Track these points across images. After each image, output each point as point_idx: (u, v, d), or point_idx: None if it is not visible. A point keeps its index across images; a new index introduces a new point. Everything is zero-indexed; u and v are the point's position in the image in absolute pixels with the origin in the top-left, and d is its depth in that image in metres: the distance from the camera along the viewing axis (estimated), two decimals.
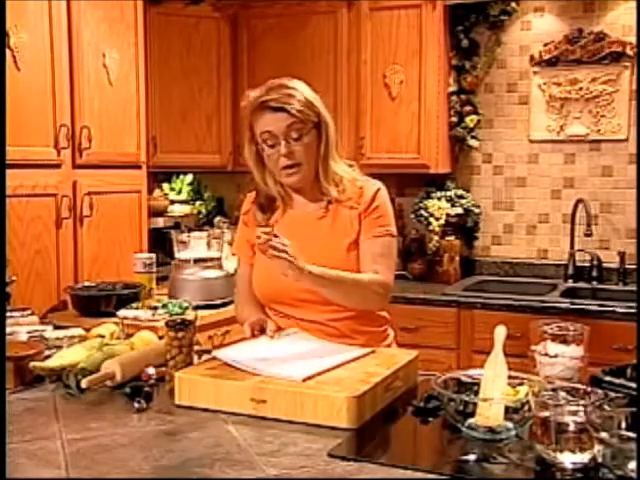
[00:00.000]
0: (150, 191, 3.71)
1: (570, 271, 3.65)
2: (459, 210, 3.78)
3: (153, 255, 3.09)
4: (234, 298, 2.29)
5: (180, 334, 1.74)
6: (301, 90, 1.94)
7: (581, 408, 1.29)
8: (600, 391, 1.43)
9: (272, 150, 1.92)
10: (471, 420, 1.44)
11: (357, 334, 1.96)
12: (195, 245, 3.11)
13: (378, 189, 2.01)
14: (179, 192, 4.11)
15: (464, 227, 3.86)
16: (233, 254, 2.22)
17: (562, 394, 1.39)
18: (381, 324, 2.08)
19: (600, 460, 1.26)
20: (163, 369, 1.77)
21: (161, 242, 3.51)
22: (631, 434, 1.23)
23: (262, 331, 1.94)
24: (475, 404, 1.45)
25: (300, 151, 1.92)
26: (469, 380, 1.57)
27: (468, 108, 3.80)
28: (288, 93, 1.91)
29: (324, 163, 1.98)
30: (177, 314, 1.82)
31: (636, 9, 3.40)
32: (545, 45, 3.69)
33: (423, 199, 3.83)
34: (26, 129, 2.75)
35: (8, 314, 2.28)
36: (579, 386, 1.45)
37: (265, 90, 1.94)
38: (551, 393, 1.38)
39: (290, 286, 1.92)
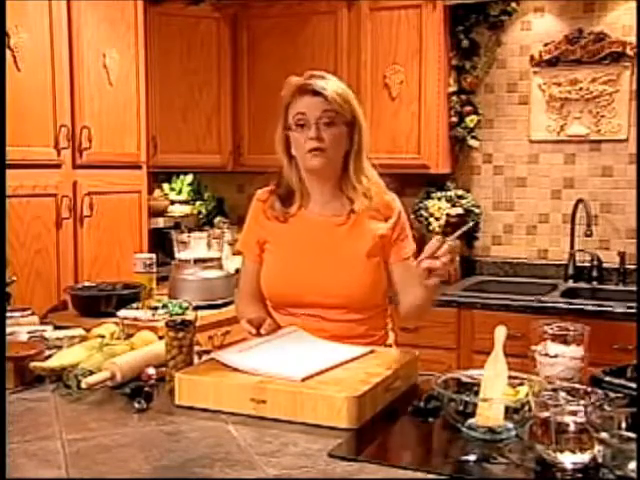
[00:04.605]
0: (150, 191, 3.71)
1: (570, 271, 3.65)
2: (459, 210, 3.78)
3: (153, 255, 3.09)
4: (235, 295, 2.28)
5: (180, 334, 1.74)
6: (339, 84, 1.99)
7: (581, 408, 1.28)
8: (600, 391, 1.43)
9: (301, 133, 1.93)
10: (471, 420, 1.44)
11: (361, 337, 1.96)
12: (195, 245, 3.11)
13: (399, 209, 2.05)
14: (179, 192, 4.11)
15: None
16: (238, 251, 2.22)
17: (562, 394, 1.39)
18: (383, 327, 2.09)
19: (600, 460, 1.26)
20: (163, 369, 1.77)
21: (161, 242, 3.51)
22: (631, 434, 1.23)
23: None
24: (475, 404, 1.45)
25: (328, 138, 1.93)
26: (469, 380, 1.57)
27: (468, 108, 3.80)
28: (328, 81, 1.97)
29: (357, 164, 1.99)
30: (177, 314, 1.82)
31: (636, 9, 3.40)
32: (545, 45, 3.69)
33: (423, 199, 3.83)
34: (26, 129, 2.76)
35: (8, 314, 2.27)
36: (579, 386, 1.45)
37: (307, 77, 1.97)
38: (551, 393, 1.38)
39: (301, 290, 1.96)
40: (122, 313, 2.26)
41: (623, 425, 1.29)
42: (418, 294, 1.91)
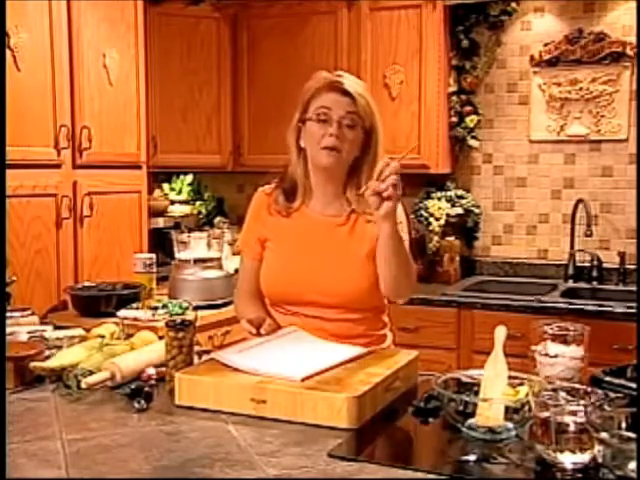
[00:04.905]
0: (150, 191, 3.71)
1: (570, 271, 3.65)
2: (459, 210, 3.78)
3: (153, 255, 3.09)
4: (234, 293, 2.28)
5: (180, 334, 1.74)
6: (366, 90, 2.00)
7: (581, 408, 1.28)
8: (600, 391, 1.43)
9: (320, 126, 1.92)
10: (471, 420, 1.44)
11: (359, 337, 1.96)
12: (195, 245, 3.11)
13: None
14: (179, 192, 4.11)
15: (464, 227, 3.86)
16: (238, 249, 2.22)
17: (562, 394, 1.39)
18: (382, 327, 2.09)
19: (600, 460, 1.26)
20: (163, 369, 1.77)
21: (161, 242, 3.51)
22: (631, 434, 1.23)
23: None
24: (475, 404, 1.45)
25: (347, 139, 1.93)
26: (469, 380, 1.57)
27: (468, 108, 3.80)
28: (361, 86, 1.98)
29: (369, 173, 1.96)
30: (177, 314, 1.82)
31: (636, 9, 3.40)
32: (545, 45, 3.69)
33: (423, 199, 3.83)
34: (26, 129, 2.76)
35: (8, 314, 2.27)
36: (579, 386, 1.45)
37: (337, 75, 1.98)
38: (551, 393, 1.38)
39: (300, 288, 1.96)
40: (122, 313, 2.26)
41: (623, 425, 1.29)
42: (381, 243, 1.86)
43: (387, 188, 1.71)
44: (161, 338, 1.90)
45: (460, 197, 3.81)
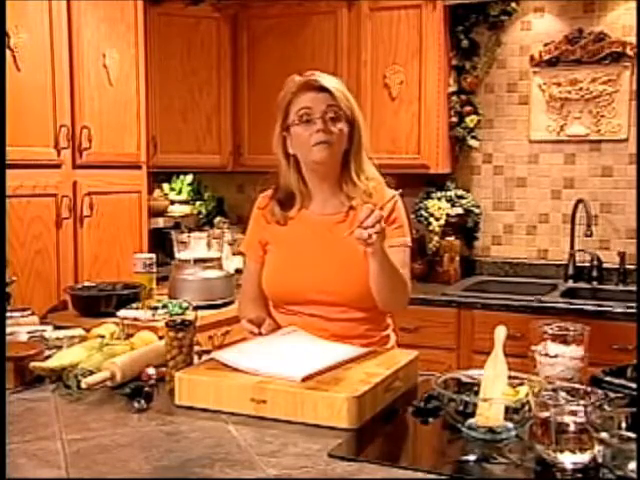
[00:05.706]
0: (150, 191, 3.71)
1: (570, 271, 3.65)
2: (459, 210, 3.78)
3: (153, 255, 3.09)
4: (238, 296, 2.29)
5: (180, 334, 1.74)
6: (341, 83, 2.02)
7: (581, 408, 1.29)
8: (600, 391, 1.43)
9: (305, 127, 1.93)
10: (471, 420, 1.44)
11: (361, 337, 1.97)
12: (195, 245, 3.11)
13: (396, 199, 2.01)
14: (179, 192, 4.11)
15: (464, 227, 3.86)
16: (241, 252, 2.22)
17: (562, 394, 1.39)
18: (384, 328, 2.09)
19: (600, 460, 1.26)
20: (163, 369, 1.77)
21: (161, 242, 3.51)
22: (631, 434, 1.23)
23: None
24: (475, 404, 1.45)
25: (335, 131, 1.93)
26: (469, 380, 1.57)
27: (468, 108, 3.80)
28: (333, 80, 1.99)
29: (357, 162, 2.00)
30: (177, 314, 1.82)
31: (636, 9, 3.40)
32: (545, 45, 3.69)
33: (423, 199, 3.83)
34: (26, 129, 2.75)
35: (8, 314, 2.27)
36: (579, 386, 1.45)
37: (310, 74, 1.99)
38: (551, 393, 1.38)
39: (301, 287, 1.96)
40: (122, 313, 2.27)
41: (623, 425, 1.29)
42: (372, 275, 1.87)
43: (369, 237, 1.70)
44: (161, 338, 1.90)
45: (460, 197, 3.81)
